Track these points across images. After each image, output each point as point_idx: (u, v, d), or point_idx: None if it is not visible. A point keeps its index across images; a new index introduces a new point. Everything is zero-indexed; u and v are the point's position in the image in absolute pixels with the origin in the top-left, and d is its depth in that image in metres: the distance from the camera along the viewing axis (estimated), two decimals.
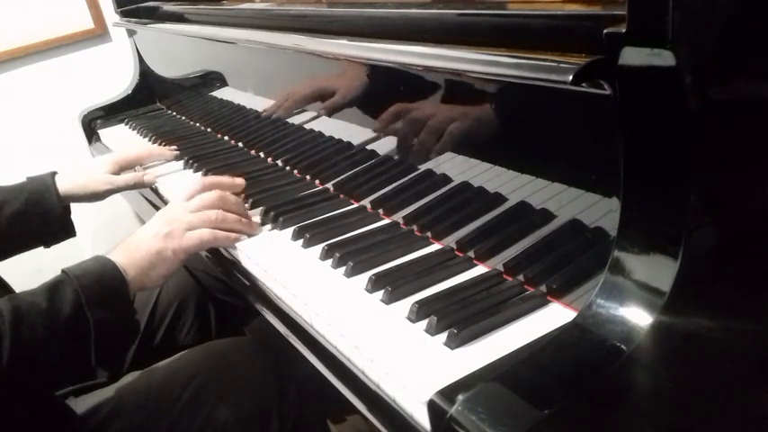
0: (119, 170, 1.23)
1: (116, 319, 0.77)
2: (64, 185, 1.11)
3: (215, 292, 1.17)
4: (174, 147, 1.35)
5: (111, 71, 1.91)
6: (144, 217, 1.49)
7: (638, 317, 0.50)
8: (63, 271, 0.78)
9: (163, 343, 1.13)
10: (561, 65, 0.52)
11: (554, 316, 0.63)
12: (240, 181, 1.00)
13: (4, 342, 0.69)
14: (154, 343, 1.13)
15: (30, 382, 0.74)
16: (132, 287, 0.80)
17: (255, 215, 0.97)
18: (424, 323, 0.64)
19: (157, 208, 1.22)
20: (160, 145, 1.42)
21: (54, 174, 1.13)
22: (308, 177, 1.07)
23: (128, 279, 0.79)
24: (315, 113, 1.01)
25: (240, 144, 1.31)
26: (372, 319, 0.68)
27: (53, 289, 0.75)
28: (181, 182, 1.20)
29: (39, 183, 1.10)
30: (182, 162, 1.29)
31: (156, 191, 1.24)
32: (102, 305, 0.75)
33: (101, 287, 0.76)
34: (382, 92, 0.84)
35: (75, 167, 1.19)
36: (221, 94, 1.37)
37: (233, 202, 0.92)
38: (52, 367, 0.75)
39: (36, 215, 1.08)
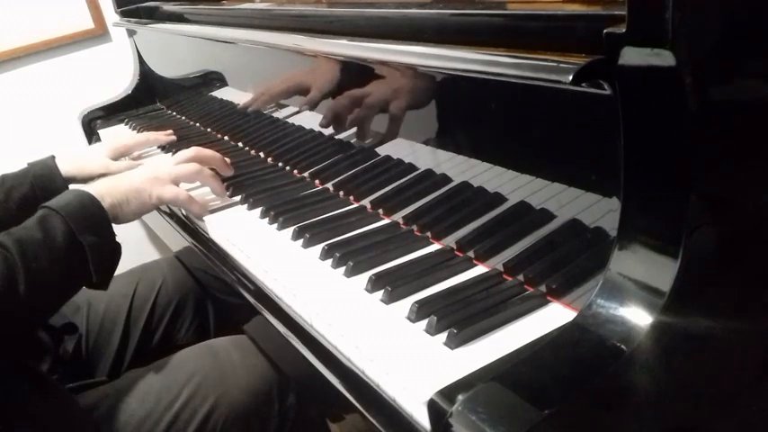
0: (117, 156, 1.29)
1: (103, 241, 0.83)
2: (65, 166, 1.15)
3: (214, 290, 1.17)
4: (170, 131, 1.36)
5: (111, 71, 1.91)
6: (144, 216, 1.48)
7: (638, 317, 0.50)
8: (45, 206, 0.83)
9: (162, 342, 1.13)
10: (561, 65, 0.52)
11: (554, 316, 0.63)
12: (229, 170, 1.09)
13: (19, 272, 0.74)
14: (152, 343, 1.13)
15: (44, 306, 0.80)
16: (108, 214, 0.86)
17: (255, 215, 0.98)
18: (423, 323, 0.64)
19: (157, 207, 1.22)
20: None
21: (53, 157, 1.16)
22: (307, 177, 1.07)
23: (104, 206, 0.86)
24: (314, 113, 1.01)
25: (240, 144, 1.31)
26: (372, 318, 0.68)
27: (43, 221, 0.80)
28: None
29: (42, 166, 1.14)
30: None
31: None
32: (89, 231, 0.81)
33: (84, 215, 0.82)
34: (382, 92, 0.84)
35: (74, 151, 1.23)
36: (221, 94, 1.37)
37: (210, 176, 1.03)
38: (60, 290, 0.81)
39: (43, 197, 1.11)
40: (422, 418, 0.55)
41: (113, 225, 0.88)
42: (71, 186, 1.16)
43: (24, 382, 0.82)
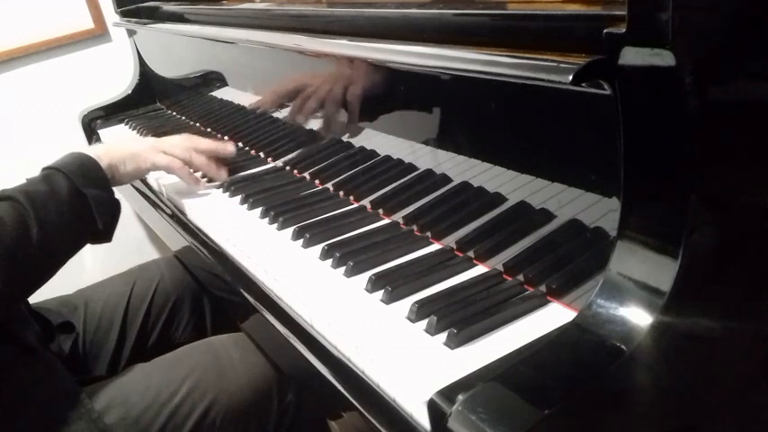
0: None
1: (104, 194, 0.91)
2: None
3: (211, 288, 1.17)
4: None
5: (111, 71, 1.91)
6: (144, 216, 1.49)
7: (638, 317, 0.50)
8: (45, 168, 0.90)
9: (158, 342, 1.13)
10: (561, 65, 0.52)
11: (554, 316, 0.63)
12: (231, 148, 1.14)
13: (30, 220, 0.80)
14: (149, 342, 1.13)
15: (56, 253, 0.85)
16: (106, 173, 0.94)
17: (255, 215, 0.98)
18: (423, 323, 0.64)
19: (158, 207, 1.22)
20: None
21: None
22: (307, 177, 1.07)
23: (102, 165, 0.93)
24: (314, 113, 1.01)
25: (240, 144, 1.31)
26: (372, 318, 0.68)
27: (47, 178, 0.87)
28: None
29: None
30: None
31: (154, 191, 1.24)
32: (91, 185, 0.89)
33: (84, 171, 0.90)
34: (381, 92, 0.84)
35: None
36: (221, 94, 1.37)
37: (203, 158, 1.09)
38: (69, 238, 0.87)
39: None
40: (422, 417, 0.55)
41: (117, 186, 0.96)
42: None
43: (28, 367, 0.83)
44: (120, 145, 1.02)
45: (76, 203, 0.86)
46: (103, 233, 0.90)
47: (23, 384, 0.81)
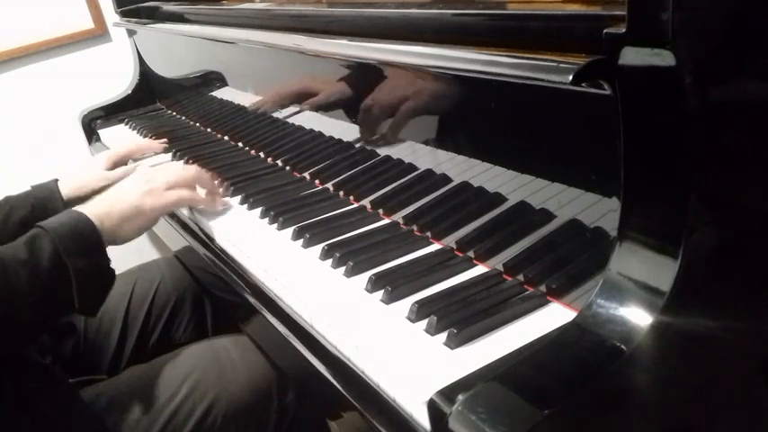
0: (113, 166, 1.28)
1: (93, 266, 0.80)
2: (66, 189, 1.12)
3: (212, 288, 1.17)
4: (164, 139, 1.37)
5: (111, 71, 1.91)
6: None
7: (638, 317, 0.50)
8: (38, 226, 0.80)
9: (159, 342, 1.13)
10: (561, 65, 0.52)
11: (554, 316, 0.63)
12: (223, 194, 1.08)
13: None
14: (150, 342, 1.13)
15: (18, 329, 0.77)
16: (106, 237, 0.83)
17: (255, 215, 0.98)
18: (423, 323, 0.64)
19: None
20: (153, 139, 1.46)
21: (56, 180, 1.14)
22: (307, 177, 1.07)
23: (102, 229, 0.83)
24: (314, 113, 1.02)
25: (240, 144, 1.31)
26: (372, 319, 0.68)
27: (31, 242, 0.78)
28: None
29: (43, 189, 1.12)
30: (180, 162, 1.29)
31: None
32: (79, 254, 0.78)
33: (76, 237, 0.79)
34: (382, 92, 0.84)
35: (74, 169, 1.22)
36: (221, 94, 1.37)
37: (208, 178, 1.04)
38: (40, 313, 0.78)
39: (43, 220, 1.09)
40: (422, 418, 0.55)
41: (120, 245, 0.87)
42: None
43: (27, 372, 0.82)
44: (120, 199, 0.90)
45: (56, 276, 0.77)
46: (86, 308, 0.81)
47: (24, 388, 0.81)
